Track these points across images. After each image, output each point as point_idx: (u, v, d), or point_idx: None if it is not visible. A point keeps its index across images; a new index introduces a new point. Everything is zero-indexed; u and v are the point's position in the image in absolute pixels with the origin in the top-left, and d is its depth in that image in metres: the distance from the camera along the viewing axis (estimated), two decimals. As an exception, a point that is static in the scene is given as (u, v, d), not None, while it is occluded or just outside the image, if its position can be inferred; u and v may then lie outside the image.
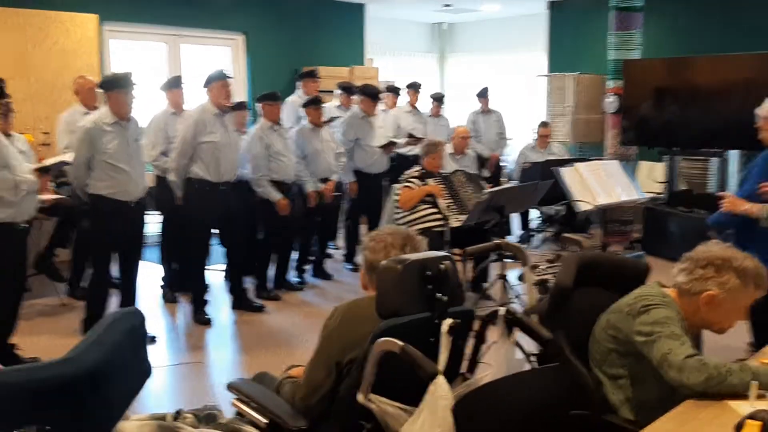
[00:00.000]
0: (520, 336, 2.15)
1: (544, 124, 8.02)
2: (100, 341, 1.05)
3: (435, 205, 5.49)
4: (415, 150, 7.46)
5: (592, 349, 2.36)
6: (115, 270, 4.71)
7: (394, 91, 7.83)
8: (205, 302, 5.22)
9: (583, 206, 4.89)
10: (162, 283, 5.80)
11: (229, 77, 5.04)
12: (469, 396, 1.89)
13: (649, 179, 7.99)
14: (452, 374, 2.06)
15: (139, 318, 1.17)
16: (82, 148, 4.31)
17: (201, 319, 5.11)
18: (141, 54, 7.92)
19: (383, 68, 9.59)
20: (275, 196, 5.47)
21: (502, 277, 5.23)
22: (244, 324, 5.17)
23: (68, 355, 1.02)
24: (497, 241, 2.43)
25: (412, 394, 1.97)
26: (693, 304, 2.22)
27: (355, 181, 6.52)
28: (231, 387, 2.33)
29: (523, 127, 9.56)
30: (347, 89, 7.33)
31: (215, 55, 8.63)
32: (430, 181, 5.60)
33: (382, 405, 1.92)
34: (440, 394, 1.85)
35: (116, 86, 4.34)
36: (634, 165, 8.06)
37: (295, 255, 6.19)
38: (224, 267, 6.07)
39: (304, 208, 5.90)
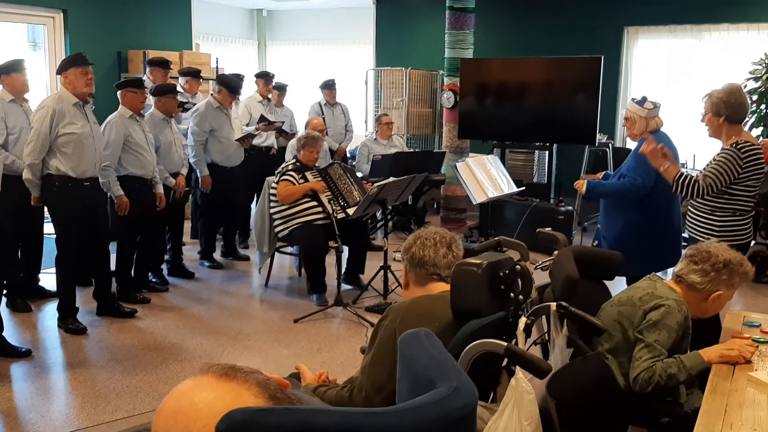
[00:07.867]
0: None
1: (385, 115, 8.24)
2: (451, 364, 1.01)
3: (315, 198, 5.47)
4: (270, 140, 7.33)
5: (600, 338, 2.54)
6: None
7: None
8: (76, 310, 4.73)
9: (479, 198, 5.16)
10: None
11: (91, 63, 4.58)
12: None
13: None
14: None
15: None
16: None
17: (75, 328, 4.63)
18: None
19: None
20: (117, 191, 5.04)
21: (386, 268, 5.41)
22: (121, 331, 4.76)
23: (446, 385, 0.95)
24: (497, 238, 2.54)
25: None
26: (699, 298, 2.51)
27: (208, 175, 6.22)
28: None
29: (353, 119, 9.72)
30: (193, 74, 7.00)
31: (26, 34, 7.73)
32: (308, 175, 5.57)
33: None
34: (524, 388, 1.94)
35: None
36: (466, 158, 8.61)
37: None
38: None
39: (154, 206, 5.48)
